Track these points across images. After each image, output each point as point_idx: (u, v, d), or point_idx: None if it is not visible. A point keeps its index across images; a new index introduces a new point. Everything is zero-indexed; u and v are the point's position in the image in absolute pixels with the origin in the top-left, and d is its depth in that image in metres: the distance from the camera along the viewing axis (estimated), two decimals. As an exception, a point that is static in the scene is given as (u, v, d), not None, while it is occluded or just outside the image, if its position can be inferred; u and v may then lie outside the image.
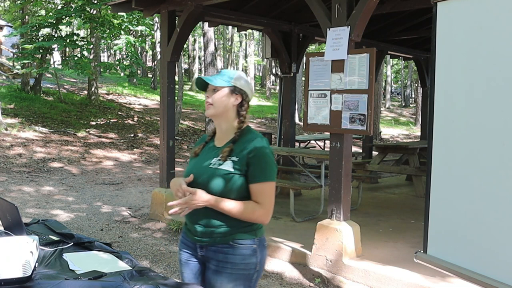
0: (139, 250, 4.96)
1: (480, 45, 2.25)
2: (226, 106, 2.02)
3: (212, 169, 1.97)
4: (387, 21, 7.83)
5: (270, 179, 1.96)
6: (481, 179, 2.23)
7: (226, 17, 6.70)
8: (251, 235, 1.99)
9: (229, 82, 2.02)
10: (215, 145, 2.08)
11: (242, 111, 2.05)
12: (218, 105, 2.01)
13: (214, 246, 1.98)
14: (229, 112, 2.03)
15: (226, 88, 2.01)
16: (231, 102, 2.02)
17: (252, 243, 1.98)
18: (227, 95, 2.01)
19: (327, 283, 4.16)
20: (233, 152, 1.97)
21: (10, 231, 2.31)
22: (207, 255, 2.01)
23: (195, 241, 2.04)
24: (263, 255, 2.04)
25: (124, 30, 15.26)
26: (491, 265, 2.17)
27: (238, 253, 1.96)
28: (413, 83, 36.37)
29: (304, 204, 6.71)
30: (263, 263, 2.04)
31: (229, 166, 1.94)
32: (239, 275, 1.96)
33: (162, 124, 6.20)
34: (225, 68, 33.31)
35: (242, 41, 41.93)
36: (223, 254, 1.97)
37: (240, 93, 2.04)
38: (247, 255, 1.97)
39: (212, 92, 2.02)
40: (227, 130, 2.05)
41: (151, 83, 27.97)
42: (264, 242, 2.06)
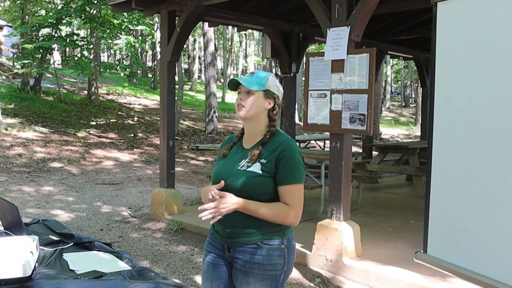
0: (139, 250, 4.96)
1: (480, 45, 2.25)
2: (259, 110, 2.02)
3: (241, 171, 1.97)
4: (387, 21, 7.83)
5: (299, 181, 1.98)
6: (481, 179, 2.23)
7: (226, 17, 6.70)
8: (279, 235, 1.99)
9: (263, 86, 2.02)
10: (243, 147, 2.08)
11: (273, 115, 2.05)
12: (251, 108, 2.00)
13: (242, 246, 1.98)
14: (261, 116, 2.03)
15: (261, 92, 2.01)
16: (264, 106, 2.03)
17: (280, 243, 1.98)
18: (261, 99, 2.01)
19: (327, 283, 4.16)
20: (262, 154, 1.97)
21: (10, 231, 2.31)
22: (235, 256, 2.01)
23: (224, 242, 2.04)
24: (291, 256, 2.03)
25: (124, 30, 15.26)
26: (491, 265, 2.17)
27: (265, 254, 1.96)
28: (413, 83, 36.37)
29: (304, 204, 6.64)
30: (291, 264, 2.03)
31: (258, 168, 1.95)
32: (266, 276, 1.96)
33: (162, 124, 6.20)
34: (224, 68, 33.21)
35: (242, 41, 41.92)
36: (250, 255, 1.97)
37: (273, 97, 2.04)
38: (275, 255, 1.97)
39: (246, 95, 2.02)
40: (256, 132, 2.05)
41: (151, 83, 27.97)
42: (293, 241, 2.06)
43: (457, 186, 2.36)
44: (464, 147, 2.32)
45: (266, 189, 1.94)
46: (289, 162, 1.95)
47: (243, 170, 1.97)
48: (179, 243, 5.25)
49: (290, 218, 1.96)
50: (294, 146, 1.99)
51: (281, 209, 1.94)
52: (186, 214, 5.99)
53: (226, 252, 2.04)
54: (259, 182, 1.94)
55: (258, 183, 1.93)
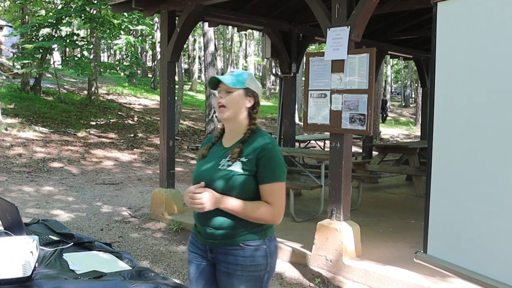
0: (139, 250, 4.96)
1: (480, 45, 2.25)
2: (240, 109, 2.00)
3: (221, 171, 1.95)
4: (387, 21, 7.82)
5: (280, 179, 1.94)
6: (481, 179, 2.23)
7: (226, 17, 6.70)
8: (260, 235, 1.97)
9: (243, 84, 2.00)
10: (223, 146, 2.06)
11: (253, 113, 2.04)
12: (232, 107, 1.99)
13: (224, 248, 1.97)
14: (242, 114, 2.02)
15: (241, 90, 2.00)
16: (245, 104, 2.01)
17: (262, 243, 1.97)
18: (241, 98, 2.00)
19: (327, 283, 4.15)
20: (243, 152, 1.95)
21: (10, 231, 2.31)
22: (217, 257, 2.00)
23: (205, 243, 2.02)
24: (274, 256, 2.02)
25: (124, 30, 15.26)
26: (491, 265, 2.17)
27: (248, 255, 1.95)
28: (413, 83, 36.37)
29: (304, 204, 6.71)
30: (273, 264, 2.03)
31: (239, 167, 1.93)
32: (249, 277, 1.95)
33: (162, 124, 6.20)
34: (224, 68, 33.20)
35: (242, 41, 41.93)
36: (233, 256, 1.95)
37: (253, 95, 2.03)
38: (257, 256, 1.95)
39: (226, 94, 2.00)
40: (237, 131, 2.03)
41: (151, 83, 27.97)
42: (275, 242, 2.05)
43: (457, 186, 2.36)
44: (464, 147, 2.32)
45: (247, 188, 1.92)
46: (270, 161, 1.93)
47: (224, 169, 1.95)
48: (179, 243, 5.25)
49: (272, 216, 1.93)
50: (274, 144, 1.98)
51: (263, 208, 1.92)
52: (186, 214, 5.99)
53: (209, 253, 2.03)
54: (240, 181, 1.92)
55: (239, 182, 1.92)
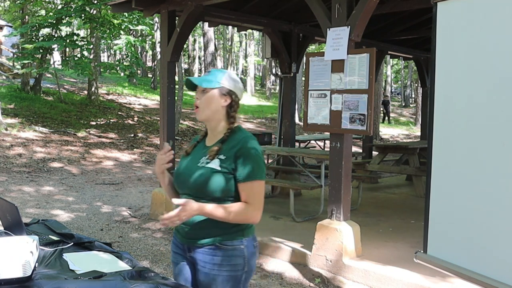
0: (139, 250, 4.96)
1: (480, 45, 2.25)
2: (215, 108, 1.99)
3: (200, 167, 1.97)
4: (387, 21, 7.82)
5: (259, 178, 1.94)
6: (481, 179, 2.23)
7: (226, 17, 6.70)
8: (238, 235, 1.97)
9: (218, 83, 1.99)
10: (205, 144, 2.08)
11: (231, 112, 2.02)
12: (207, 107, 1.99)
13: (201, 247, 1.97)
14: (219, 114, 2.01)
15: (215, 90, 1.99)
16: (220, 103, 2.00)
17: (239, 244, 1.97)
18: (216, 97, 1.99)
19: (327, 283, 4.15)
20: (221, 150, 1.96)
21: (10, 231, 2.31)
22: (195, 257, 2.00)
23: (184, 242, 2.04)
24: (252, 256, 2.02)
25: (124, 30, 15.26)
26: (491, 265, 2.17)
27: (225, 254, 1.95)
28: (413, 83, 36.37)
29: (304, 204, 6.71)
30: (252, 264, 2.02)
31: (216, 164, 1.93)
32: (227, 277, 1.95)
33: (162, 124, 6.20)
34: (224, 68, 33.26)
35: (242, 41, 41.92)
36: (210, 256, 1.96)
37: (229, 94, 2.01)
38: (234, 256, 1.95)
39: (201, 94, 2.00)
40: (217, 130, 2.04)
41: (151, 83, 27.96)
42: (253, 242, 2.04)
43: (457, 186, 2.36)
44: (464, 147, 2.32)
45: (223, 185, 1.92)
46: (249, 159, 1.92)
47: (202, 166, 1.97)
48: (179, 243, 5.25)
49: (250, 215, 1.93)
50: (253, 142, 1.97)
51: (241, 209, 1.91)
52: (186, 214, 5.98)
53: (187, 252, 2.04)
54: (216, 178, 1.92)
55: (216, 179, 1.92)
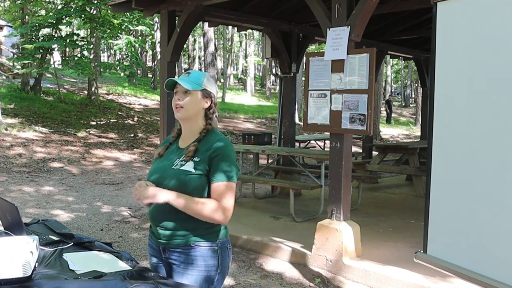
0: (139, 250, 4.96)
1: (480, 45, 2.25)
2: (198, 110, 2.02)
3: (174, 170, 1.98)
4: (387, 21, 7.83)
5: (231, 180, 1.96)
6: (481, 179, 2.23)
7: (226, 17, 6.70)
8: (212, 237, 1.99)
9: (200, 85, 2.02)
10: (179, 146, 2.09)
11: (210, 113, 2.06)
12: (190, 109, 2.00)
13: (176, 248, 2.00)
14: (199, 115, 2.04)
15: (199, 92, 2.01)
16: (202, 105, 2.03)
17: (213, 245, 1.99)
18: (199, 99, 2.02)
19: (327, 283, 4.15)
20: (197, 151, 1.98)
21: (10, 231, 2.31)
22: (170, 257, 2.03)
23: (159, 244, 2.05)
24: (226, 258, 2.04)
25: (124, 30, 15.26)
26: (491, 265, 2.17)
27: (198, 255, 1.97)
28: (413, 83, 36.37)
29: (304, 204, 6.71)
30: (225, 266, 2.05)
31: (191, 167, 1.95)
32: (200, 277, 1.97)
33: (162, 124, 6.20)
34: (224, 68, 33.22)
35: (242, 41, 41.93)
36: (184, 256, 1.98)
37: (210, 96, 2.05)
38: (208, 256, 1.98)
39: (184, 95, 2.01)
40: (193, 131, 2.06)
41: (151, 83, 27.97)
42: (227, 244, 2.07)
43: (457, 186, 2.36)
44: (464, 147, 2.32)
45: (198, 188, 1.94)
46: (222, 161, 1.94)
47: (177, 169, 1.98)
48: (179, 243, 5.25)
49: (219, 215, 1.93)
50: (228, 145, 1.99)
51: (210, 205, 1.92)
52: (186, 214, 5.98)
53: (162, 253, 2.06)
54: (191, 180, 1.94)
55: (190, 181, 1.93)
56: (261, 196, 7.51)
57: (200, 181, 1.95)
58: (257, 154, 7.69)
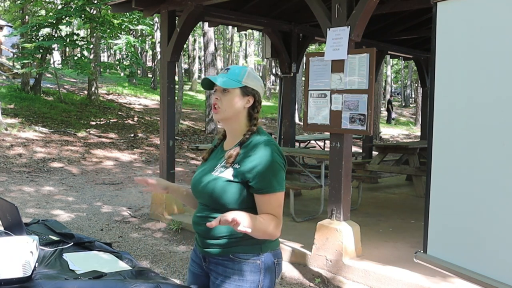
0: (139, 250, 4.96)
1: (480, 45, 2.25)
2: (238, 110, 1.81)
3: (213, 177, 1.80)
4: (387, 21, 7.83)
5: (279, 189, 1.75)
6: (481, 179, 2.23)
7: (226, 17, 6.70)
8: (254, 249, 1.80)
9: (240, 82, 1.80)
10: (223, 149, 1.90)
11: (254, 113, 1.84)
12: (228, 109, 1.80)
13: (215, 258, 1.84)
14: (240, 115, 1.83)
15: (238, 90, 1.80)
16: (243, 104, 1.81)
17: (256, 258, 1.80)
18: (238, 98, 1.80)
19: (327, 283, 4.15)
20: (239, 156, 1.78)
21: (10, 231, 2.31)
22: (210, 267, 1.88)
23: (201, 252, 1.91)
24: (270, 274, 1.83)
25: (124, 30, 15.26)
26: (491, 265, 2.17)
27: (237, 268, 1.79)
28: (413, 83, 36.37)
29: (304, 204, 6.71)
30: (269, 282, 1.83)
31: (230, 174, 1.76)
32: None
33: (162, 124, 6.20)
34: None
35: (242, 41, 41.93)
36: (222, 267, 1.82)
37: (252, 94, 1.82)
38: (247, 271, 1.79)
39: (222, 94, 1.80)
40: (236, 132, 1.86)
41: (151, 83, 27.98)
42: (274, 258, 1.86)
43: (457, 186, 2.36)
44: (464, 147, 2.32)
45: (238, 197, 1.75)
46: (267, 169, 1.72)
47: (216, 176, 1.80)
48: (179, 243, 5.25)
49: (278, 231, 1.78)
50: (274, 149, 1.76)
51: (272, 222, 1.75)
52: (186, 214, 5.99)
53: (203, 262, 1.91)
54: (230, 188, 1.75)
55: (229, 190, 1.75)
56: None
57: (240, 189, 1.75)
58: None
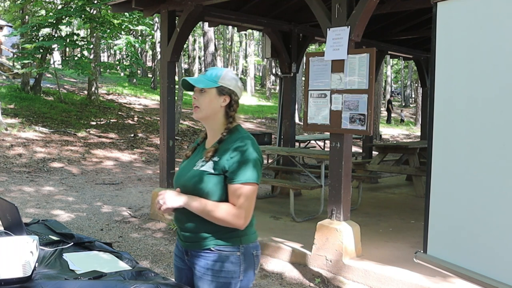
0: (139, 250, 4.96)
1: (480, 45, 2.25)
2: (215, 109, 1.93)
3: (194, 171, 1.92)
4: (387, 21, 7.83)
5: (251, 180, 1.85)
6: (481, 179, 2.23)
7: (226, 17, 6.70)
8: (234, 242, 1.90)
9: (216, 82, 1.92)
10: (205, 146, 2.03)
11: (231, 111, 1.96)
12: (205, 108, 1.93)
13: (197, 251, 1.92)
14: (218, 114, 1.95)
15: (214, 89, 1.92)
16: (219, 103, 1.93)
17: (236, 250, 1.90)
18: (215, 97, 1.92)
19: (327, 283, 4.15)
20: (217, 152, 1.90)
21: (10, 231, 2.31)
22: (192, 260, 1.96)
23: (183, 246, 2.01)
24: (250, 265, 1.94)
25: (124, 30, 15.26)
26: (491, 265, 2.17)
27: (218, 260, 1.88)
28: (413, 83, 36.38)
29: (304, 204, 6.71)
30: (249, 274, 1.94)
31: (210, 167, 1.88)
32: (219, 283, 1.89)
33: (162, 124, 6.20)
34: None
35: (242, 41, 41.93)
36: (204, 260, 1.90)
37: (228, 93, 1.94)
38: (229, 262, 1.88)
39: (199, 94, 1.93)
40: (215, 130, 1.98)
41: (151, 83, 27.98)
42: (253, 250, 1.96)
43: (457, 186, 2.36)
44: (464, 147, 2.32)
45: (218, 188, 1.86)
46: (242, 160, 1.84)
47: (196, 169, 1.92)
48: (179, 243, 5.25)
49: (234, 219, 1.84)
50: (249, 144, 1.88)
51: (225, 208, 1.84)
52: (186, 214, 5.98)
53: (185, 256, 2.00)
54: (210, 180, 1.86)
55: (209, 182, 1.86)
56: (261, 196, 7.51)
57: (219, 182, 1.86)
58: (257, 154, 7.68)
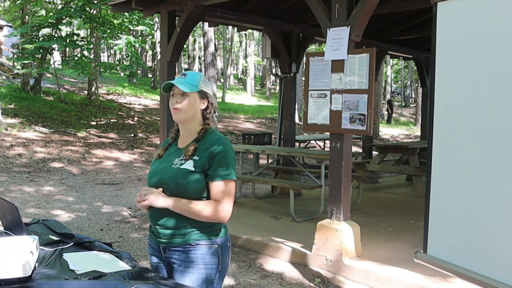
0: (139, 250, 4.96)
1: (480, 45, 2.25)
2: (196, 111, 2.05)
3: (174, 169, 2.00)
4: (387, 21, 7.83)
5: (230, 178, 1.98)
6: (481, 179, 2.23)
7: (226, 17, 6.70)
8: (212, 235, 2.01)
9: (197, 86, 2.04)
10: (178, 147, 2.11)
11: (207, 113, 2.08)
12: (187, 110, 2.02)
13: (176, 247, 2.01)
14: (197, 116, 2.06)
15: (196, 93, 2.03)
16: (199, 106, 2.05)
17: (213, 243, 2.01)
18: (196, 101, 2.04)
19: (327, 283, 4.15)
20: (196, 150, 2.00)
21: (10, 231, 2.31)
22: (171, 257, 2.04)
23: (159, 243, 2.07)
24: (226, 256, 2.06)
25: (124, 30, 15.26)
26: (491, 265, 2.17)
27: (199, 253, 1.99)
28: (413, 83, 36.38)
29: (304, 204, 6.71)
30: (225, 264, 2.07)
31: (191, 165, 1.97)
32: (200, 275, 1.99)
33: (162, 124, 6.20)
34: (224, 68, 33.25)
35: (242, 41, 41.94)
36: (185, 254, 2.00)
37: (206, 97, 2.07)
38: (208, 255, 2.00)
39: (181, 97, 2.02)
40: (191, 131, 2.08)
41: (151, 83, 27.97)
42: (227, 243, 2.08)
43: (457, 186, 2.36)
44: (464, 147, 2.32)
45: (198, 186, 1.97)
46: (221, 159, 1.97)
47: (176, 168, 2.00)
48: (179, 243, 5.25)
49: (217, 213, 1.96)
50: (227, 143, 2.02)
51: (206, 205, 1.96)
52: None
53: (163, 253, 2.08)
54: (191, 179, 1.96)
55: (191, 180, 1.96)
56: (261, 196, 7.51)
57: (200, 179, 1.97)
58: (257, 154, 7.69)
